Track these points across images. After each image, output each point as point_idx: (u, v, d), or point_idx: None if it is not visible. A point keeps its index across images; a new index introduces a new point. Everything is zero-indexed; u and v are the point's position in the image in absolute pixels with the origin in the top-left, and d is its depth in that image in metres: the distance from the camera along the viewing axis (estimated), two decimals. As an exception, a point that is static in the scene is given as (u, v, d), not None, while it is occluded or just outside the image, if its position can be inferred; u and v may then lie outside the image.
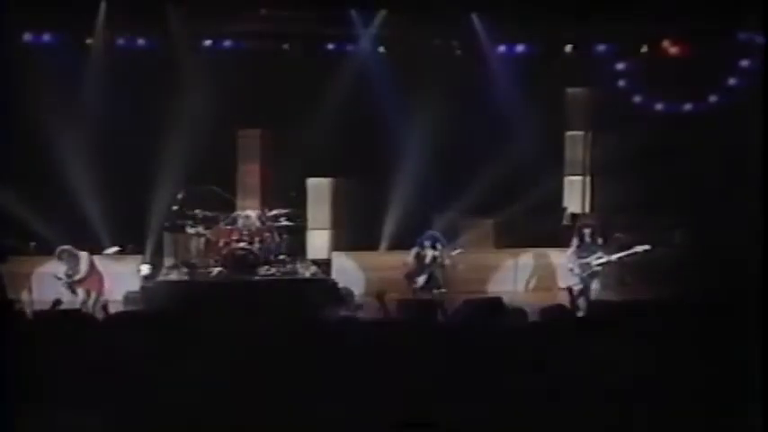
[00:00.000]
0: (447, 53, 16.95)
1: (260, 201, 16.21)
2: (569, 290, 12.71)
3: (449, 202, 16.61)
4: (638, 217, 16.54)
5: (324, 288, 13.69)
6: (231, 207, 14.59)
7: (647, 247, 14.16)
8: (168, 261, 14.71)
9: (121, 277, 14.28)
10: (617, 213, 16.95)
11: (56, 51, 15.79)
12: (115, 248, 14.67)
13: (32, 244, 13.54)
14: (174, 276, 13.85)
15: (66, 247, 12.53)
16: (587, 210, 18.04)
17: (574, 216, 17.55)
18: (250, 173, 16.63)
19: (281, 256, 14.22)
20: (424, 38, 16.63)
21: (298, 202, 15.23)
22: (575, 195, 18.17)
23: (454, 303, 11.41)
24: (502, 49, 17.52)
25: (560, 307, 9.96)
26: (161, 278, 13.90)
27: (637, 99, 17.52)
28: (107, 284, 12.93)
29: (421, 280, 13.72)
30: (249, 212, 14.59)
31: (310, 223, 16.32)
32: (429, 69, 16.48)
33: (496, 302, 10.43)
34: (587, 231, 14.14)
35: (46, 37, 15.84)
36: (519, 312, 10.02)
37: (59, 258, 12.39)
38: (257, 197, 16.37)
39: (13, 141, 15.12)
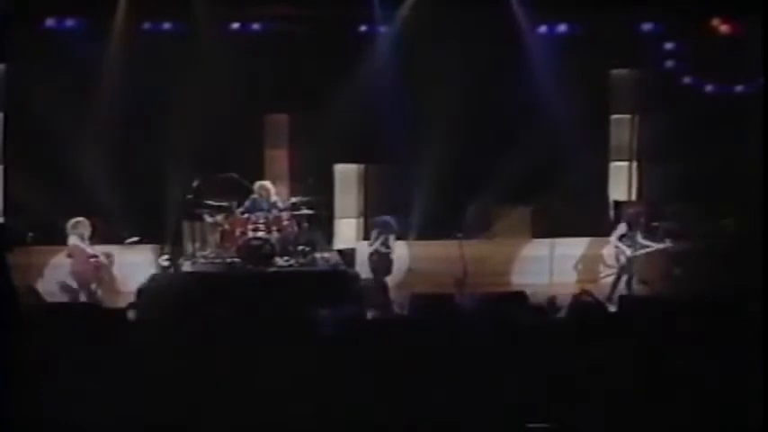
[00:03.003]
0: (484, 34, 16.18)
1: (288, 187, 15.80)
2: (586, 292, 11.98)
3: (484, 188, 15.97)
4: (686, 205, 15.81)
5: (343, 280, 13.15)
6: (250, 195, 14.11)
7: (661, 245, 13.82)
8: (187, 251, 14.33)
9: (138, 268, 14.05)
10: (664, 201, 16.22)
11: (79, 36, 15.51)
12: (134, 239, 14.37)
13: (30, 234, 13.30)
14: (188, 267, 13.46)
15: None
16: (633, 197, 17.25)
17: (617, 203, 16.80)
18: (277, 159, 16.20)
19: (301, 247, 13.71)
20: (459, 18, 15.91)
21: (319, 190, 14.72)
22: (620, 182, 17.34)
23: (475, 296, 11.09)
24: (543, 29, 16.78)
25: (585, 303, 9.50)
26: (173, 269, 13.52)
27: (686, 80, 16.67)
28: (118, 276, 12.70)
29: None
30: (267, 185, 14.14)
31: (337, 212, 15.82)
32: (465, 51, 15.85)
33: (517, 297, 10.00)
34: (642, 221, 13.72)
35: (69, 22, 15.54)
36: (538, 308, 9.57)
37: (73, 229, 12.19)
38: (285, 184, 15.93)
39: (30, 128, 15.07)
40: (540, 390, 7.14)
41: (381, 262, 13.58)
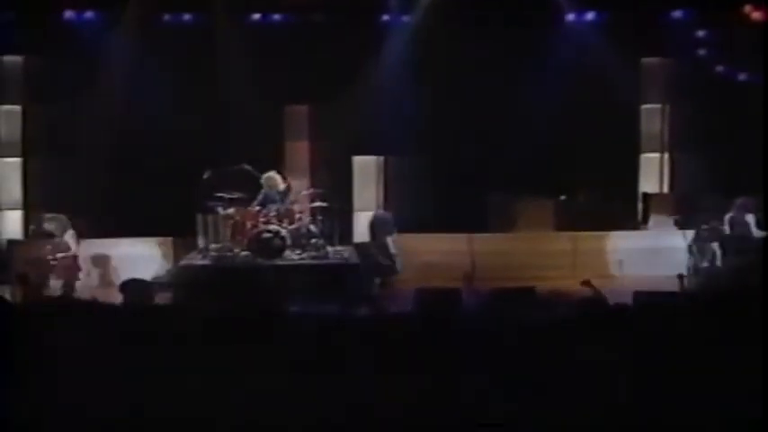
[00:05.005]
0: (508, 23, 15.79)
1: (309, 180, 15.63)
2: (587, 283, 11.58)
3: (507, 180, 15.62)
4: (719, 198, 15.31)
5: (353, 274, 12.94)
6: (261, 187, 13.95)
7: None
8: (200, 244, 14.23)
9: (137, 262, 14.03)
10: (697, 194, 15.75)
11: (98, 29, 15.47)
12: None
13: (31, 227, 13.32)
14: (198, 261, 13.36)
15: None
16: (665, 189, 16.79)
17: (646, 196, 16.34)
18: (298, 151, 16.01)
19: (314, 240, 13.53)
20: (482, 6, 15.56)
21: (334, 182, 14.54)
22: (651, 174, 16.87)
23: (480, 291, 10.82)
24: (570, 16, 16.40)
25: (590, 300, 9.20)
26: (184, 262, 13.43)
27: (718, 69, 16.17)
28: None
29: None
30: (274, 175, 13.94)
31: (356, 204, 15.59)
32: (488, 40, 15.51)
33: (525, 292, 9.72)
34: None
35: (88, 14, 15.52)
36: (543, 304, 9.28)
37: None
38: (306, 176, 15.77)
39: (48, 121, 15.11)
40: (536, 387, 6.88)
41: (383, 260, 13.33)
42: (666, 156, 16.80)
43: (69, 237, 12.51)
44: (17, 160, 15.42)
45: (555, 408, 6.73)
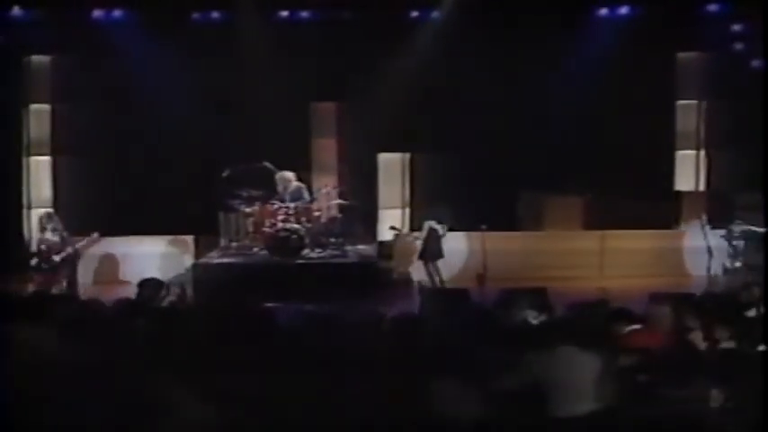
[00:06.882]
0: (540, 18, 15.47)
1: (336, 178, 15.55)
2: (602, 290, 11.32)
3: (537, 177, 15.38)
4: (755, 195, 14.91)
5: (370, 272, 12.84)
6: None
7: None
8: (223, 242, 14.24)
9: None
10: (733, 192, 15.37)
11: (126, 27, 15.54)
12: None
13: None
14: (215, 260, 13.35)
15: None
16: (702, 188, 16.42)
17: (678, 194, 15.98)
18: (325, 148, 15.93)
19: (333, 238, 13.44)
20: (514, 2, 15.32)
21: (357, 179, 14.43)
22: (687, 171, 16.51)
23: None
24: (603, 11, 16.11)
25: (592, 303, 9.01)
26: (202, 261, 13.42)
27: (754, 64, 15.74)
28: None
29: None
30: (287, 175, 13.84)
31: (381, 202, 15.46)
32: (520, 36, 15.28)
33: (536, 293, 9.55)
34: None
35: (116, 13, 15.60)
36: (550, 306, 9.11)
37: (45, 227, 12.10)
38: (334, 174, 15.68)
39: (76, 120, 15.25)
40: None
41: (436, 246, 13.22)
42: (702, 153, 16.47)
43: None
44: (46, 159, 15.58)
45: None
